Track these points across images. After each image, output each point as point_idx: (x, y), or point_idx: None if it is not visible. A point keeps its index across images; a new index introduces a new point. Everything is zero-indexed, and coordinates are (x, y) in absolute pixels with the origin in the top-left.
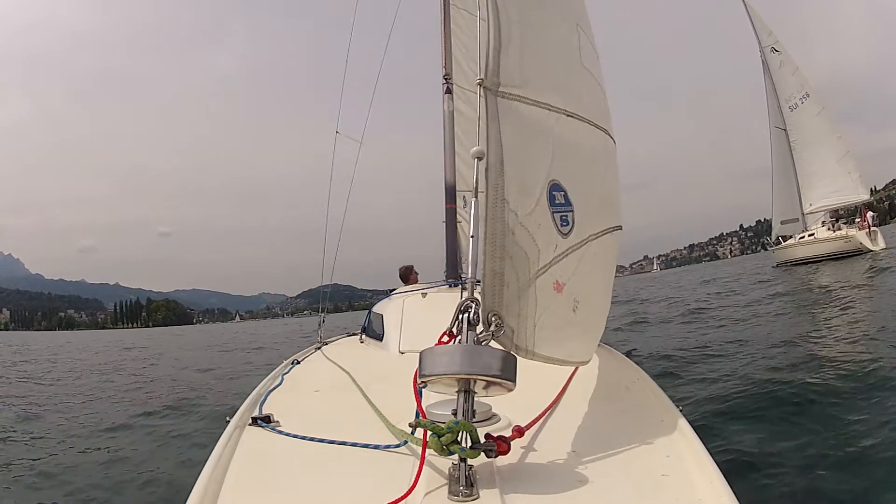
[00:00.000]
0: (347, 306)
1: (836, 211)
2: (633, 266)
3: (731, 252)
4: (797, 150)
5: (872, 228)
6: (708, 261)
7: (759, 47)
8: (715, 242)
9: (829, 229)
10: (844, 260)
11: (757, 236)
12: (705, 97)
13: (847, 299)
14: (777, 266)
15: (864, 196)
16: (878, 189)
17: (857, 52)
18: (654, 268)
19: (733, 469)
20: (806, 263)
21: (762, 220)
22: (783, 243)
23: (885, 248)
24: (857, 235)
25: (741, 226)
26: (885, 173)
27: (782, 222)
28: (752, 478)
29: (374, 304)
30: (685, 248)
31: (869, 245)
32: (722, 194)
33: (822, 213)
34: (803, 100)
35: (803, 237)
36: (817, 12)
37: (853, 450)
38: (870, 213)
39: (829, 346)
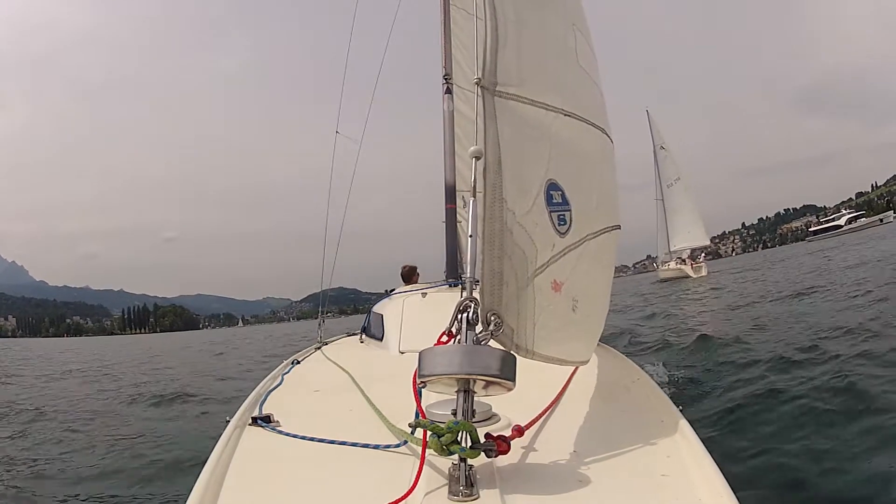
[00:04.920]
0: (352, 309)
1: (693, 250)
2: (637, 266)
3: (733, 250)
4: (669, 214)
5: (699, 264)
6: (710, 259)
7: (652, 145)
8: (717, 241)
9: (676, 263)
10: (684, 280)
11: (759, 234)
12: (705, 95)
13: (677, 294)
14: (657, 281)
15: (706, 242)
16: (878, 185)
17: (860, 48)
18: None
19: None
20: (668, 280)
21: (764, 218)
22: (660, 267)
23: (703, 276)
24: (684, 268)
25: (743, 224)
26: (885, 168)
27: (665, 253)
28: None
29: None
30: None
31: (691, 274)
32: (723, 193)
33: (684, 251)
34: (676, 181)
35: (664, 266)
36: (824, 12)
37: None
38: (703, 254)
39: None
